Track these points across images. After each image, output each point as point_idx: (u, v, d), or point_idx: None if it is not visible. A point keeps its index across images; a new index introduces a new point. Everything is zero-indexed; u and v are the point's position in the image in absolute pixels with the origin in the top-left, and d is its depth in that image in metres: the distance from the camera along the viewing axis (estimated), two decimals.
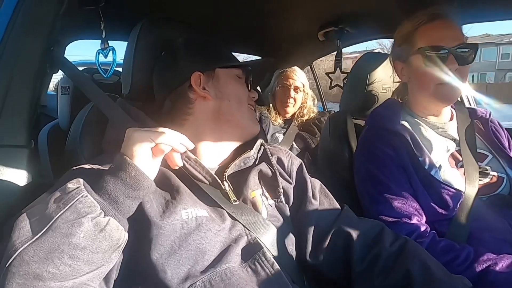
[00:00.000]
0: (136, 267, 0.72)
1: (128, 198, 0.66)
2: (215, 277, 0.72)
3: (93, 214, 0.61)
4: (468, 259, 0.94)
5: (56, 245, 0.58)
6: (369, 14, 1.69)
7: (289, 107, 2.17)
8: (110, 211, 0.64)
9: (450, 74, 1.06)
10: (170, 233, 0.73)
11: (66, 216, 0.60)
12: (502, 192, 1.11)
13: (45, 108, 2.63)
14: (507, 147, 1.22)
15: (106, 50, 1.25)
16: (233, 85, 0.95)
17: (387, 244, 0.89)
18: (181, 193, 0.80)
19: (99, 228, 0.61)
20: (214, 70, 0.93)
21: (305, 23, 1.91)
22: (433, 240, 1.00)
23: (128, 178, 0.65)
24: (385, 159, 1.11)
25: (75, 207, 0.61)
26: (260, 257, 0.79)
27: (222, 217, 0.82)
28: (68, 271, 0.58)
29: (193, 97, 0.91)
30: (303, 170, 1.00)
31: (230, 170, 0.89)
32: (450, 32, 1.08)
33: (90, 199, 0.62)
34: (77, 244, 0.59)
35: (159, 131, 0.70)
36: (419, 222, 1.04)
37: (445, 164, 1.11)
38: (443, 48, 1.06)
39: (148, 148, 0.69)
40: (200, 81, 0.91)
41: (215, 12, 1.69)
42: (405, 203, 1.06)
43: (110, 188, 0.64)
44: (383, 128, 1.15)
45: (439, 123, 1.18)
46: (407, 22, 1.15)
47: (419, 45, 1.09)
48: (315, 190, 0.98)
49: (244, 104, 0.96)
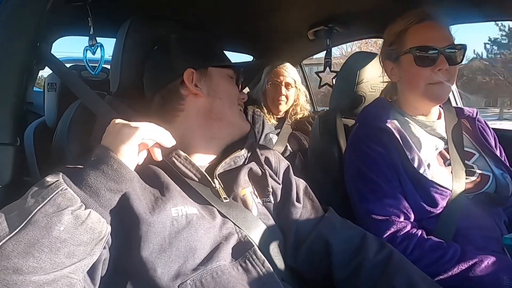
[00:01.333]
0: (126, 265, 0.72)
1: (110, 191, 0.65)
2: (205, 275, 0.72)
3: (73, 207, 0.61)
4: (455, 257, 0.95)
5: (36, 239, 0.57)
6: (358, 14, 1.70)
7: (281, 104, 2.13)
8: (91, 204, 0.63)
9: (441, 74, 1.07)
10: (160, 230, 0.73)
11: (46, 210, 0.59)
12: (488, 190, 1.13)
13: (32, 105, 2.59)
14: (494, 146, 1.24)
15: (94, 47, 1.23)
16: (225, 85, 0.95)
17: (370, 254, 0.88)
18: (171, 191, 0.79)
19: (80, 221, 0.61)
20: (207, 69, 0.93)
21: (295, 22, 1.92)
22: (421, 239, 1.01)
23: (110, 171, 0.65)
24: (375, 157, 1.12)
25: (55, 200, 0.60)
26: (251, 255, 0.79)
27: (212, 214, 0.82)
28: (48, 265, 0.58)
29: (185, 94, 0.91)
30: (289, 171, 1.00)
31: (221, 168, 0.88)
32: (439, 33, 1.10)
33: (70, 192, 0.62)
34: (57, 237, 0.58)
35: (146, 127, 0.69)
36: (408, 221, 1.06)
37: (433, 162, 1.12)
38: (434, 49, 1.07)
39: (136, 146, 0.69)
40: (192, 78, 0.91)
41: (206, 10, 1.68)
42: (394, 201, 1.07)
43: (91, 181, 0.64)
44: (373, 126, 1.16)
45: (428, 122, 1.20)
46: (397, 22, 1.16)
47: (410, 45, 1.10)
48: (300, 192, 0.97)
49: (235, 103, 0.96)
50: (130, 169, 0.67)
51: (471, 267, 0.93)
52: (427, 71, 1.08)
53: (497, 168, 1.16)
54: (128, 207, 0.72)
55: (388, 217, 1.05)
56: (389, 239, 1.01)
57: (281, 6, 1.69)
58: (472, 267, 0.93)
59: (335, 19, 1.80)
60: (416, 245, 0.99)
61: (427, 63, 1.08)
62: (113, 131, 0.69)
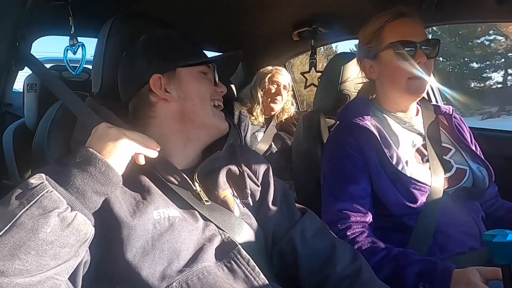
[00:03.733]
0: (109, 269, 0.71)
1: (96, 193, 0.66)
2: (191, 277, 0.72)
3: (59, 209, 0.61)
4: (388, 257, 1.01)
5: (22, 241, 0.57)
6: (342, 15, 1.72)
7: (276, 104, 2.23)
8: (77, 206, 0.64)
9: (419, 68, 1.11)
10: (142, 233, 0.72)
11: (31, 212, 0.59)
12: (466, 184, 1.17)
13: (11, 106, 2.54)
14: (470, 141, 1.28)
15: (75, 47, 1.21)
16: (196, 84, 0.91)
17: (338, 268, 0.87)
18: (152, 194, 0.79)
19: (66, 223, 0.61)
20: (175, 70, 0.89)
21: (280, 23, 1.93)
22: (364, 242, 1.05)
23: (98, 174, 0.66)
24: (347, 155, 1.15)
25: (40, 202, 0.60)
26: (236, 255, 0.79)
27: (194, 217, 0.82)
28: (34, 267, 0.58)
29: (155, 100, 0.89)
30: (269, 173, 0.98)
31: (200, 170, 0.88)
32: (416, 29, 1.14)
33: (56, 194, 0.62)
34: (44, 240, 0.58)
35: (140, 140, 0.75)
36: (361, 221, 1.09)
37: (411, 160, 1.15)
38: (412, 42, 1.11)
39: (130, 156, 0.73)
40: (161, 83, 0.88)
41: (189, 10, 1.67)
42: (355, 199, 1.10)
43: (78, 183, 0.64)
44: (351, 123, 1.18)
45: (406, 118, 1.23)
46: (372, 21, 1.19)
47: (388, 41, 1.13)
48: (277, 194, 0.96)
49: (208, 101, 0.92)
50: (117, 172, 0.69)
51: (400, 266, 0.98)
52: (407, 65, 1.12)
53: (473, 162, 1.20)
54: (109, 211, 0.72)
55: (341, 215, 1.09)
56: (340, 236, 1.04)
57: (265, 7, 1.70)
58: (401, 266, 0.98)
59: (319, 20, 1.82)
60: (359, 248, 1.03)
61: (406, 57, 1.11)
62: (105, 135, 0.71)
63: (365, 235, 1.07)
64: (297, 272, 0.88)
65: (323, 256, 0.90)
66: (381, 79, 1.23)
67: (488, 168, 1.18)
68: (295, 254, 0.89)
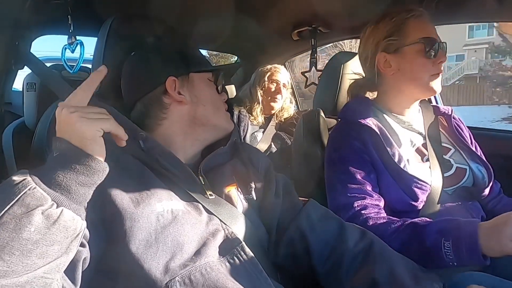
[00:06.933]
0: (110, 263, 0.71)
1: (82, 185, 0.62)
2: (194, 272, 0.72)
3: (43, 206, 0.57)
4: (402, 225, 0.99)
5: (5, 242, 0.54)
6: (342, 14, 1.72)
7: (276, 102, 2.23)
8: (63, 202, 0.60)
9: (439, 67, 1.13)
10: (145, 225, 0.72)
11: (14, 211, 0.56)
12: (466, 183, 1.17)
13: (10, 105, 2.54)
14: (469, 142, 1.28)
15: (73, 45, 1.20)
16: (207, 90, 0.94)
17: (350, 244, 0.88)
18: (155, 186, 0.79)
19: (52, 220, 0.58)
20: (189, 74, 0.92)
21: (279, 22, 1.92)
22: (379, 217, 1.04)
23: (78, 166, 0.61)
24: (351, 150, 1.15)
25: (23, 200, 0.56)
26: (239, 251, 0.79)
27: (198, 210, 0.82)
28: (20, 267, 0.55)
29: (168, 102, 0.90)
30: (270, 168, 1.00)
31: (204, 164, 0.89)
32: (435, 29, 1.16)
33: (39, 191, 0.58)
34: (28, 239, 0.55)
35: (102, 117, 0.66)
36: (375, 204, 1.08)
37: (412, 159, 1.15)
38: (440, 42, 1.12)
39: (100, 139, 0.65)
40: (175, 86, 0.89)
41: (189, 10, 1.67)
42: (359, 191, 1.09)
43: (60, 178, 0.60)
44: (354, 121, 1.18)
45: (406, 118, 1.23)
46: (391, 15, 1.16)
47: (416, 37, 1.13)
48: (279, 187, 0.98)
49: (222, 109, 0.96)
50: (99, 159, 0.64)
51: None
52: (430, 62, 1.12)
53: (473, 162, 1.20)
54: (111, 203, 0.72)
55: (350, 203, 1.08)
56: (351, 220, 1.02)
57: (265, 7, 1.70)
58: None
59: (319, 19, 1.82)
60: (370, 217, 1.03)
61: (435, 54, 1.12)
62: (65, 122, 0.63)
63: (382, 214, 1.06)
64: (309, 258, 0.89)
65: (333, 236, 0.91)
66: (398, 74, 1.18)
67: (487, 167, 1.19)
68: (305, 240, 0.89)
